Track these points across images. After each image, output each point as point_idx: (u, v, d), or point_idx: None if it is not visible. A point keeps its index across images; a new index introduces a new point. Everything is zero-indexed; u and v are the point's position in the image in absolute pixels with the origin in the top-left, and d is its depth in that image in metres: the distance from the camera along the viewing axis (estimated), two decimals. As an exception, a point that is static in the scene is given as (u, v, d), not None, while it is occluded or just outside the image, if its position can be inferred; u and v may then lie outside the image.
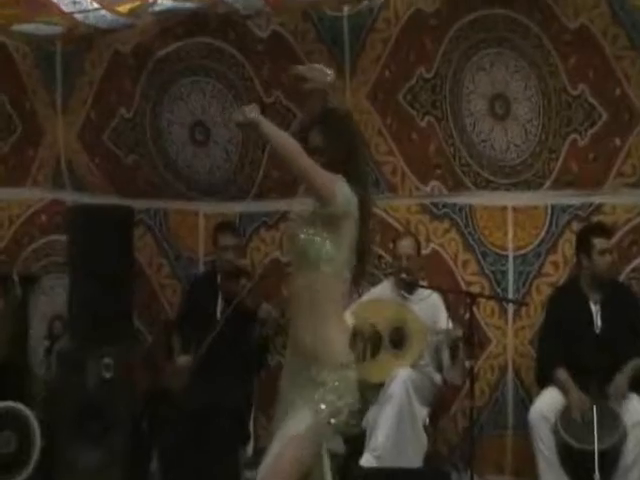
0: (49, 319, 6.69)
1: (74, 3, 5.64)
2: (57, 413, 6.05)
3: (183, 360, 5.66)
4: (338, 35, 6.14)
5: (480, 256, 6.03)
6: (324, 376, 3.45)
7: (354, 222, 3.53)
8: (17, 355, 6.54)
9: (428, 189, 6.12)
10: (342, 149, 3.58)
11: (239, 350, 5.63)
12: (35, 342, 6.63)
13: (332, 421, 3.42)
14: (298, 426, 3.39)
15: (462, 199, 6.08)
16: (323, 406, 3.42)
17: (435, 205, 6.12)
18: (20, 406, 5.95)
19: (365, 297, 5.90)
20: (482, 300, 5.82)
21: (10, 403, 5.94)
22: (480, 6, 5.81)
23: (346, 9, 6.09)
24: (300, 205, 3.64)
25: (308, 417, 3.40)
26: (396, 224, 6.17)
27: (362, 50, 6.10)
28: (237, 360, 5.64)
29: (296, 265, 3.60)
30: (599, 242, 5.45)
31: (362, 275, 3.70)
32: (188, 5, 5.79)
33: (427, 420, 5.58)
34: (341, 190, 3.48)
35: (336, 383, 3.45)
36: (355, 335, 5.50)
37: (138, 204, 6.63)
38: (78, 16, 5.88)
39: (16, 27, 6.14)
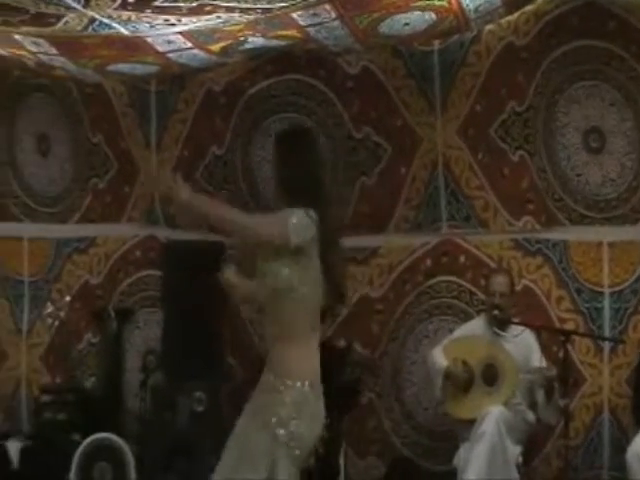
0: (143, 353, 6.77)
1: (168, 42, 5.75)
2: (149, 447, 6.11)
3: None
4: (428, 70, 6.13)
5: (574, 292, 5.91)
6: (286, 387, 3.42)
7: (317, 246, 3.47)
8: (112, 388, 6.65)
9: (521, 224, 6.04)
10: (298, 168, 3.53)
11: (327, 390, 5.58)
12: (130, 375, 6.72)
13: (296, 452, 3.39)
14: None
15: (556, 234, 5.97)
16: (282, 431, 3.38)
17: (528, 241, 6.02)
18: (116, 438, 6.02)
19: (457, 333, 5.85)
20: (577, 338, 5.70)
21: (107, 435, 6.02)
22: (573, 38, 5.74)
23: (436, 44, 6.08)
24: None
25: (265, 441, 3.38)
26: (488, 260, 6.09)
27: (452, 85, 6.09)
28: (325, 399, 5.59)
29: (266, 293, 3.51)
30: None
31: (338, 298, 3.62)
32: (278, 43, 5.85)
33: (520, 459, 5.47)
34: (294, 225, 3.40)
35: (298, 398, 3.43)
36: (448, 371, 5.50)
37: (230, 240, 6.68)
38: (172, 55, 5.99)
39: (112, 67, 6.29)
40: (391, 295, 6.29)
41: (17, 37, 5.72)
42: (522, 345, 5.58)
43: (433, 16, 5.40)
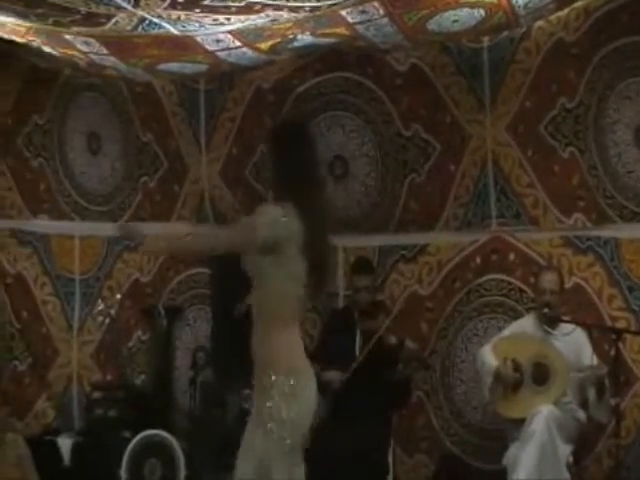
0: (193, 350, 6.82)
1: (217, 41, 5.79)
2: (199, 444, 6.14)
3: None
4: (477, 67, 6.10)
5: (626, 290, 5.84)
6: (272, 382, 3.49)
7: (294, 242, 3.51)
8: (162, 385, 6.70)
9: (571, 222, 5.98)
10: (286, 164, 3.58)
11: (378, 387, 5.57)
12: (179, 373, 6.77)
13: (287, 442, 3.46)
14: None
15: (607, 232, 5.90)
16: (272, 424, 3.46)
17: (578, 238, 5.97)
18: (166, 435, 6.07)
19: (507, 331, 5.81)
20: (628, 336, 5.63)
21: (157, 432, 6.07)
22: (623, 34, 5.68)
23: (486, 40, 6.05)
24: None
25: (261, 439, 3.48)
26: (538, 258, 6.04)
27: (502, 81, 6.05)
28: (375, 397, 5.57)
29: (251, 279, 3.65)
30: None
31: (321, 287, 3.67)
32: (327, 41, 5.85)
33: (571, 458, 5.42)
34: (263, 224, 3.48)
35: (285, 389, 3.47)
36: (497, 371, 5.46)
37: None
38: (221, 54, 6.03)
39: (162, 66, 6.33)
40: (440, 293, 6.27)
41: (68, 37, 5.79)
42: (572, 343, 5.53)
43: (482, 13, 5.37)
